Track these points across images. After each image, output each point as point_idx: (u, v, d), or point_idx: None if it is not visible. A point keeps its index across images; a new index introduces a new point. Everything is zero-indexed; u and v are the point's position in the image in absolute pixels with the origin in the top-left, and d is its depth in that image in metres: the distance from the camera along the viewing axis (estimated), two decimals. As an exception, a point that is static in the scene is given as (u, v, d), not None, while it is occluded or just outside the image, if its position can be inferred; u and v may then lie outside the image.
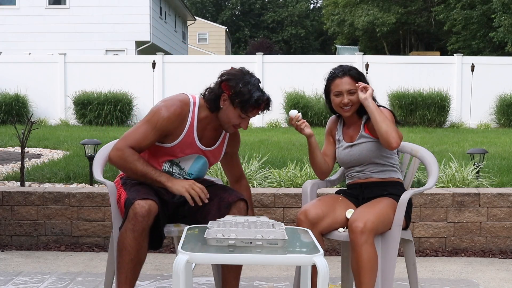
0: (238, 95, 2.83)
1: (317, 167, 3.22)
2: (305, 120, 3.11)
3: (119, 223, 2.91)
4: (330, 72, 3.16)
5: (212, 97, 2.92)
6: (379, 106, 3.11)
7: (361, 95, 3.01)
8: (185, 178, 3.01)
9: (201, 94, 3.00)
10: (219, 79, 2.92)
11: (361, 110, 3.12)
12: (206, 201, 2.82)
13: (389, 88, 15.47)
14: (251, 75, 2.89)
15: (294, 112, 3.08)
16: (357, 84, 3.04)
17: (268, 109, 2.91)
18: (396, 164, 3.15)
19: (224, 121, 2.93)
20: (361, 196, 3.11)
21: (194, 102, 2.96)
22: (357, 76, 3.09)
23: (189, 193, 2.81)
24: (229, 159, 3.18)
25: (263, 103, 2.85)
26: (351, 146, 3.12)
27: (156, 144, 2.95)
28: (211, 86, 2.96)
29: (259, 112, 2.89)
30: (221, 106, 2.90)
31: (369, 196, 3.07)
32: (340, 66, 3.15)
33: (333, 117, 3.30)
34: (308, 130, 3.11)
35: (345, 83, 3.07)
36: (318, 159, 3.20)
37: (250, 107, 2.84)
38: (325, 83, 3.17)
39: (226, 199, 2.95)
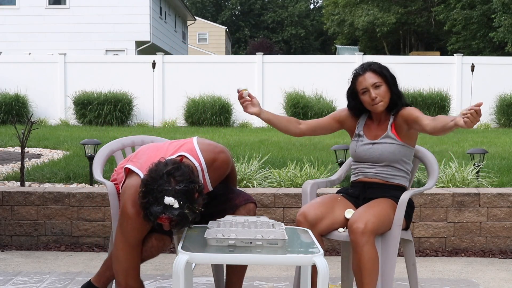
0: (139, 199, 2.50)
1: (285, 132, 3.18)
2: (253, 98, 2.98)
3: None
4: (352, 72, 3.12)
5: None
6: (406, 104, 3.07)
7: (461, 122, 2.54)
8: None
9: None
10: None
11: (390, 107, 3.06)
12: None
13: (389, 88, 15.46)
14: (164, 182, 2.44)
15: (240, 86, 2.96)
16: (467, 112, 2.52)
17: (182, 225, 2.48)
18: (409, 171, 3.12)
19: None
20: (362, 195, 3.10)
21: None
22: (379, 70, 3.03)
23: None
24: None
25: (163, 219, 2.43)
26: (373, 143, 3.06)
27: None
28: None
29: (168, 224, 2.47)
30: None
31: (370, 197, 3.06)
32: (361, 64, 3.11)
33: (350, 112, 3.19)
34: (253, 109, 3.01)
35: (368, 78, 3.02)
36: (283, 127, 3.16)
37: (146, 218, 2.49)
38: (349, 85, 3.12)
39: (233, 200, 2.93)
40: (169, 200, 2.41)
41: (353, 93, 3.12)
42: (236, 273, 2.96)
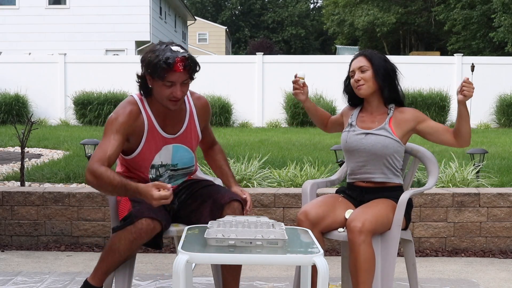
0: (148, 65, 2.76)
1: (317, 121, 3.33)
2: (305, 86, 3.16)
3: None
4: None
5: (141, 84, 2.89)
6: (401, 103, 3.12)
7: (461, 96, 2.89)
8: (172, 170, 3.00)
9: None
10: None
11: (388, 100, 3.08)
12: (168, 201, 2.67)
13: (389, 88, 15.47)
14: (164, 44, 2.78)
15: (299, 73, 3.15)
16: (464, 81, 2.90)
17: (193, 69, 2.75)
18: (400, 168, 3.12)
19: (159, 99, 2.84)
20: (360, 198, 3.10)
21: (141, 99, 2.92)
22: (369, 56, 3.08)
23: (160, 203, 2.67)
24: (202, 132, 3.14)
25: (176, 62, 2.68)
26: (366, 134, 3.06)
27: (130, 159, 2.92)
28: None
29: (182, 70, 2.71)
30: (150, 86, 2.85)
31: (369, 199, 3.06)
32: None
33: (348, 107, 3.27)
34: (301, 96, 3.17)
35: (357, 61, 3.10)
36: (316, 120, 3.32)
37: (162, 70, 2.69)
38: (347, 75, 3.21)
39: (219, 200, 2.93)
40: (176, 47, 2.74)
41: (348, 78, 3.19)
42: (231, 272, 2.95)
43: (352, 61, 3.16)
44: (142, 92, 2.90)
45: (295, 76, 3.14)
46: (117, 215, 2.96)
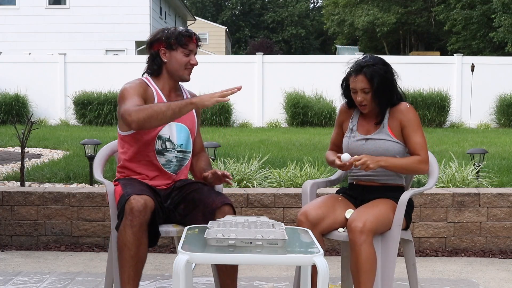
0: (169, 37, 3.04)
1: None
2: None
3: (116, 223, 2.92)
4: (348, 67, 3.08)
5: (151, 62, 3.13)
6: (400, 99, 3.08)
7: (367, 167, 2.90)
8: (178, 151, 3.11)
9: (145, 74, 3.20)
10: (147, 48, 3.15)
11: (383, 105, 3.04)
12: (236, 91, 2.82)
13: (389, 88, 15.45)
14: (169, 27, 3.18)
15: (348, 157, 2.96)
16: (350, 161, 2.93)
17: (200, 41, 3.13)
18: None
19: (176, 68, 3.07)
20: (361, 198, 3.10)
21: (147, 78, 3.17)
22: (370, 77, 2.96)
23: (217, 101, 2.81)
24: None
25: (193, 34, 3.09)
26: (366, 139, 3.05)
27: (136, 132, 3.03)
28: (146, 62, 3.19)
29: (196, 43, 3.09)
30: (165, 60, 3.08)
31: (370, 199, 3.06)
32: (357, 62, 3.04)
33: (344, 106, 3.21)
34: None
35: (358, 81, 2.99)
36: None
37: (184, 37, 3.05)
38: (344, 75, 3.12)
39: (210, 205, 2.94)
40: (183, 28, 3.13)
41: (346, 84, 3.13)
42: (228, 274, 2.95)
43: (349, 74, 3.04)
44: (150, 71, 3.13)
45: (347, 162, 2.94)
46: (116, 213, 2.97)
